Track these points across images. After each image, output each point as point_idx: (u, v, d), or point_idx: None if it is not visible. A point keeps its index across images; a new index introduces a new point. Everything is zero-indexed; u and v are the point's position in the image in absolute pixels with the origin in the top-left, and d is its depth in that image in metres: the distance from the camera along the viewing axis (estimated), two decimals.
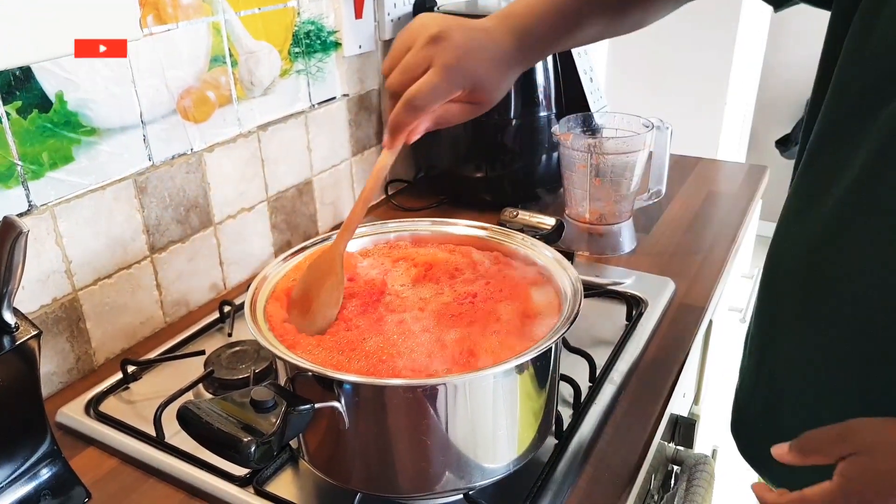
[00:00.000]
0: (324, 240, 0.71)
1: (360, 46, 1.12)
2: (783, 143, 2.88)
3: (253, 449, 0.48)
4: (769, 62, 2.74)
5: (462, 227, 0.74)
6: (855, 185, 0.53)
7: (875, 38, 0.51)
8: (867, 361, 0.55)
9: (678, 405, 0.95)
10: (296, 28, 1.00)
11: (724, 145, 2.19)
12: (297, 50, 1.00)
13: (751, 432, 0.70)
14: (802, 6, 0.65)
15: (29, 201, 0.72)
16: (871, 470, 0.46)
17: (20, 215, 0.71)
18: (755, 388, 0.68)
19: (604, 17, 0.71)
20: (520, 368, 0.56)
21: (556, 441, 0.68)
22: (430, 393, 0.53)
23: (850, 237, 0.54)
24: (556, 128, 1.05)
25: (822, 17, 0.61)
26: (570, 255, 0.99)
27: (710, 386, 1.21)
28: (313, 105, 1.06)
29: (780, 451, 0.51)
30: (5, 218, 0.55)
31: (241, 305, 0.61)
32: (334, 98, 1.10)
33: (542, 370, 0.60)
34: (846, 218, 0.54)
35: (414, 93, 0.59)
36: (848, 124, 0.54)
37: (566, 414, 0.72)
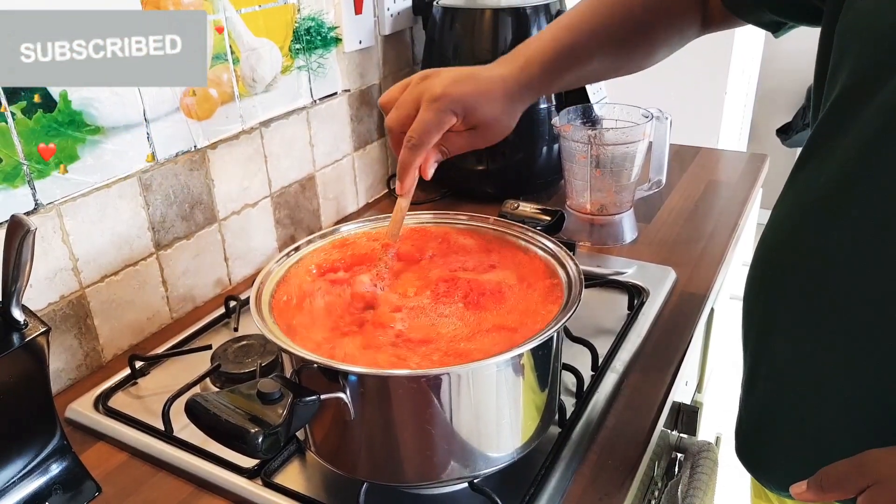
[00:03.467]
0: (327, 234, 0.72)
1: (360, 42, 1.12)
2: (784, 132, 2.87)
3: (261, 439, 0.48)
4: (769, 51, 2.72)
5: (463, 219, 0.75)
6: (862, 147, 0.51)
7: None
8: (870, 352, 0.53)
9: (681, 393, 0.96)
10: (296, 24, 1.00)
11: (724, 135, 2.18)
12: (297, 46, 1.01)
13: (749, 438, 0.67)
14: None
15: (35, 200, 0.73)
16: (891, 501, 0.45)
17: (27, 214, 0.72)
18: (751, 390, 0.66)
19: (611, 53, 0.73)
20: (522, 358, 0.57)
21: (560, 430, 0.69)
22: (434, 383, 0.54)
23: (849, 212, 0.53)
24: (556, 119, 1.05)
25: None
26: (571, 246, 0.99)
27: (712, 374, 1.22)
28: (315, 101, 1.07)
29: (799, 489, 0.50)
30: (13, 216, 0.56)
31: (247, 300, 0.62)
32: (335, 93, 1.10)
33: (545, 359, 0.61)
34: (843, 192, 0.53)
35: (409, 133, 0.65)
36: (843, 112, 0.54)
37: (569, 403, 0.72)
